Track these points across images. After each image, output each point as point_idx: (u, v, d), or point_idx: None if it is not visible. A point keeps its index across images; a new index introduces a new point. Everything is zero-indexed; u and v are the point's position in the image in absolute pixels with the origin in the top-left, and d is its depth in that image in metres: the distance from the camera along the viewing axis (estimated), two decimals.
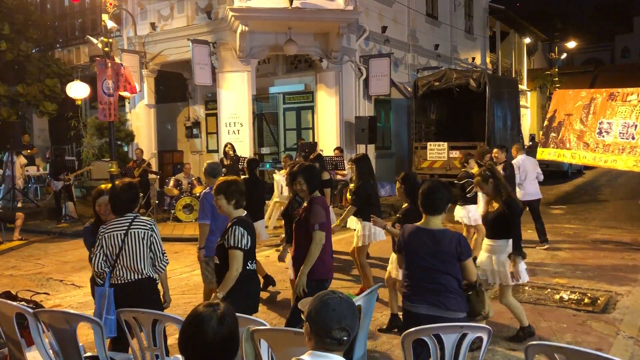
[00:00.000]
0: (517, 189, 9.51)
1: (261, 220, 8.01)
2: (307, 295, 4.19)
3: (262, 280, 6.82)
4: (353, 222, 7.17)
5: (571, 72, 38.16)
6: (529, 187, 9.74)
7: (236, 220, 4.14)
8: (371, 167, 7.20)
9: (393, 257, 5.64)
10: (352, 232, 7.37)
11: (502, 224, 5.15)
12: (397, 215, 5.61)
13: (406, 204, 5.45)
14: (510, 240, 5.13)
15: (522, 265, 5.17)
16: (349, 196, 7.84)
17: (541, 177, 10.03)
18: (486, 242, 5.37)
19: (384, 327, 5.78)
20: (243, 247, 4.06)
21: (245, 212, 4.31)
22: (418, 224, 3.85)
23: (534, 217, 9.75)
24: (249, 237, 4.11)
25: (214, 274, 5.70)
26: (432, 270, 3.66)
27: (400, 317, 4.87)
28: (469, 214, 8.47)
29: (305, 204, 4.61)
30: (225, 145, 12.96)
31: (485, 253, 5.33)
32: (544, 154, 11.83)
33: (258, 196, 7.84)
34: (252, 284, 4.31)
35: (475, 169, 8.31)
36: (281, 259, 5.95)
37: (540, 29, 34.57)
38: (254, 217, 6.76)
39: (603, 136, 10.79)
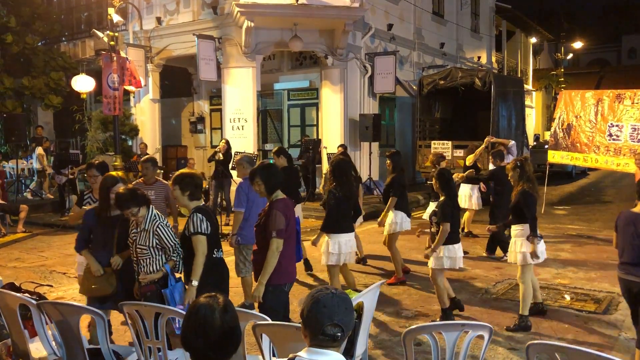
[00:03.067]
0: None
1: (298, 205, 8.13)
2: (264, 301, 4.27)
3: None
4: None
5: (577, 72, 38.02)
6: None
7: (194, 209, 4.37)
8: (403, 162, 7.85)
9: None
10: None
11: (518, 211, 5.74)
12: (434, 208, 6.05)
13: (442, 197, 5.89)
14: (526, 225, 5.67)
15: (542, 247, 5.73)
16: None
17: None
18: (512, 228, 5.96)
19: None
20: (203, 232, 4.26)
21: (203, 202, 4.62)
22: (633, 209, 4.47)
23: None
24: (208, 223, 4.30)
25: (245, 263, 5.97)
26: (632, 246, 4.37)
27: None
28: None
29: (266, 207, 4.47)
30: (220, 141, 13.08)
31: (512, 238, 5.90)
32: (556, 157, 11.83)
33: (293, 182, 8.31)
34: (220, 272, 4.48)
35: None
36: (314, 243, 6.32)
37: (546, 28, 34.45)
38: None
39: (614, 139, 10.78)
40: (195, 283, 4.21)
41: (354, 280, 6.56)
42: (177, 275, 4.45)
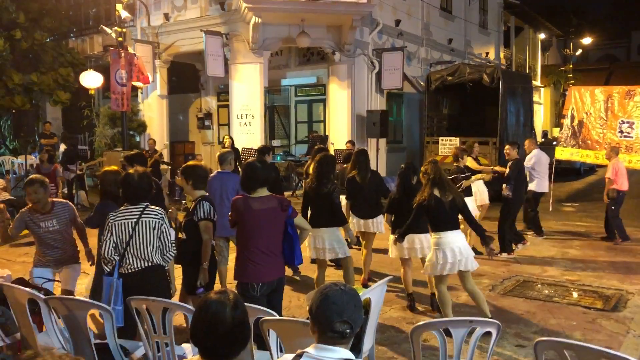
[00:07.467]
0: (531, 182, 9.93)
1: None
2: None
3: None
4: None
5: (586, 68, 37.74)
6: (543, 181, 10.04)
7: (201, 197, 4.70)
8: (355, 161, 7.10)
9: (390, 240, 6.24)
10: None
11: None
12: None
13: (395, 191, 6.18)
14: (443, 233, 5.41)
15: (444, 258, 5.33)
16: None
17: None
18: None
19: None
20: (211, 218, 4.63)
21: (207, 193, 4.89)
22: None
23: (533, 209, 10.12)
24: (215, 212, 4.68)
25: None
26: None
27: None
28: None
29: None
30: (224, 137, 13.14)
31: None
32: (565, 153, 11.76)
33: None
34: (212, 257, 4.82)
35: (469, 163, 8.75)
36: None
37: (555, 24, 34.19)
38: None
39: (625, 136, 10.72)
40: (206, 265, 4.59)
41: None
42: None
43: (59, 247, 5.29)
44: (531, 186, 9.99)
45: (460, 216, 5.66)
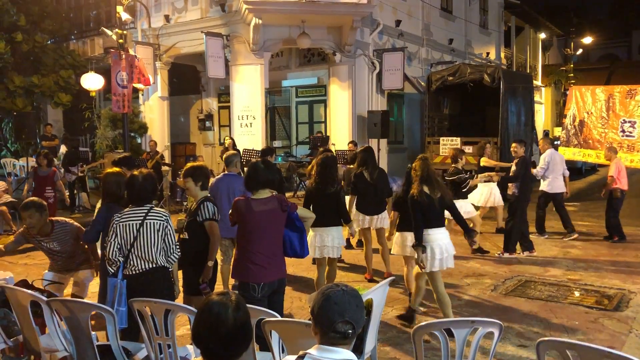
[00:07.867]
0: (543, 181, 9.96)
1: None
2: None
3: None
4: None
5: (587, 68, 37.69)
6: (556, 181, 9.97)
7: (204, 198, 4.72)
8: (363, 158, 7.31)
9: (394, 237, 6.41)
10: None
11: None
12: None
13: (402, 190, 6.16)
14: (429, 230, 5.44)
15: (432, 254, 5.37)
16: None
17: (567, 173, 10.25)
18: None
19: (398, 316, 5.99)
20: (216, 219, 4.67)
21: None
22: None
23: (558, 210, 10.13)
24: (218, 212, 4.74)
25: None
26: None
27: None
28: (461, 209, 8.51)
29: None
30: (225, 138, 13.18)
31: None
32: (567, 154, 11.79)
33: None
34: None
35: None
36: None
37: (555, 24, 34.15)
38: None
39: (627, 135, 10.73)
40: (210, 264, 4.64)
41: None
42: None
43: (67, 260, 5.36)
44: (543, 186, 9.98)
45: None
